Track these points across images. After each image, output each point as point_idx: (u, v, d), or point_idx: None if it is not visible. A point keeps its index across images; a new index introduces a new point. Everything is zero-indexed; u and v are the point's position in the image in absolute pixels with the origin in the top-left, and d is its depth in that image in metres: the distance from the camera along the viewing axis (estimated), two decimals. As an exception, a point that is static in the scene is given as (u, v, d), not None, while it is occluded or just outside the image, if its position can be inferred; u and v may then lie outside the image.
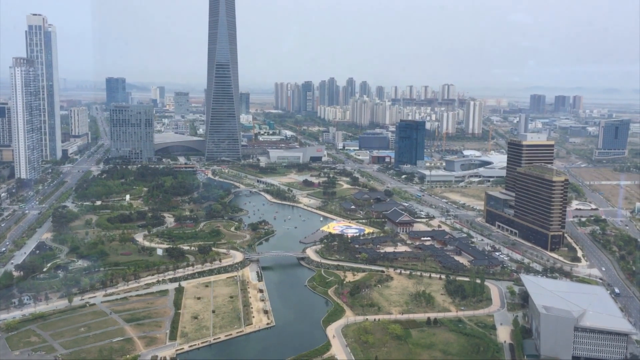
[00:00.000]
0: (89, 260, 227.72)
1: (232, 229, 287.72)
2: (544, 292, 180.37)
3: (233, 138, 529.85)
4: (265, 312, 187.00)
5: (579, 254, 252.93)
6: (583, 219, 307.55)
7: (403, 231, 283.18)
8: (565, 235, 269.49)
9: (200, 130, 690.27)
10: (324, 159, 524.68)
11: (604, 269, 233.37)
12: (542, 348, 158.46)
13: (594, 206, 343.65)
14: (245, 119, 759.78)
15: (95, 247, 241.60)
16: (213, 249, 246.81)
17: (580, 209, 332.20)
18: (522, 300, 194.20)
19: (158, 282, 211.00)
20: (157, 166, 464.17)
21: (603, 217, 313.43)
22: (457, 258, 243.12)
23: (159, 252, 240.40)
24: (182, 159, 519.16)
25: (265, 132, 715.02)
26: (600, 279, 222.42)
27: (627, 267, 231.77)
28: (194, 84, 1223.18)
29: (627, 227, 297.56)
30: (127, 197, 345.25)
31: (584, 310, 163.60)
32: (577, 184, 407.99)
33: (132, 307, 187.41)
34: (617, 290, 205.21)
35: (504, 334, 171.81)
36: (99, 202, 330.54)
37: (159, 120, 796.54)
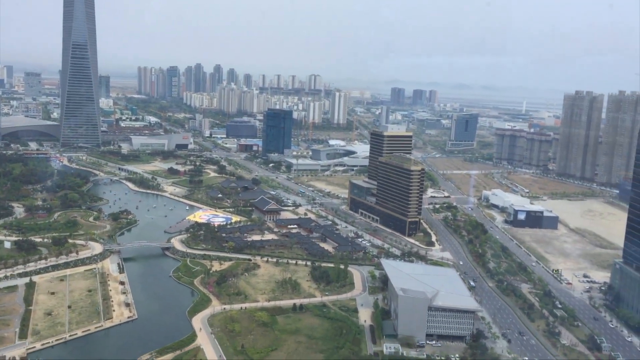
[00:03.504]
0: None
1: (91, 219, 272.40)
2: (402, 275, 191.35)
3: (92, 123, 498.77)
4: (127, 305, 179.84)
5: (433, 238, 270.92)
6: (437, 206, 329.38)
7: (270, 219, 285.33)
8: (422, 221, 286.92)
9: (55, 115, 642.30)
10: (190, 146, 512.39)
11: (461, 262, 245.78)
12: (399, 328, 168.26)
13: (446, 194, 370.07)
14: (105, 103, 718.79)
15: None
16: (69, 240, 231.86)
17: (434, 197, 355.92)
18: (382, 284, 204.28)
19: (6, 277, 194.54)
20: (5, 152, 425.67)
21: (454, 204, 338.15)
22: (322, 245, 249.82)
23: (7, 245, 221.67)
24: (33, 145, 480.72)
25: (127, 118, 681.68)
26: (451, 261, 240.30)
27: (474, 250, 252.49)
28: (48, 64, 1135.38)
29: (474, 213, 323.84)
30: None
31: (437, 291, 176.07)
32: (432, 173, 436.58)
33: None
34: (472, 283, 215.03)
35: (365, 316, 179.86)
36: None
37: (6, 102, 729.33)
